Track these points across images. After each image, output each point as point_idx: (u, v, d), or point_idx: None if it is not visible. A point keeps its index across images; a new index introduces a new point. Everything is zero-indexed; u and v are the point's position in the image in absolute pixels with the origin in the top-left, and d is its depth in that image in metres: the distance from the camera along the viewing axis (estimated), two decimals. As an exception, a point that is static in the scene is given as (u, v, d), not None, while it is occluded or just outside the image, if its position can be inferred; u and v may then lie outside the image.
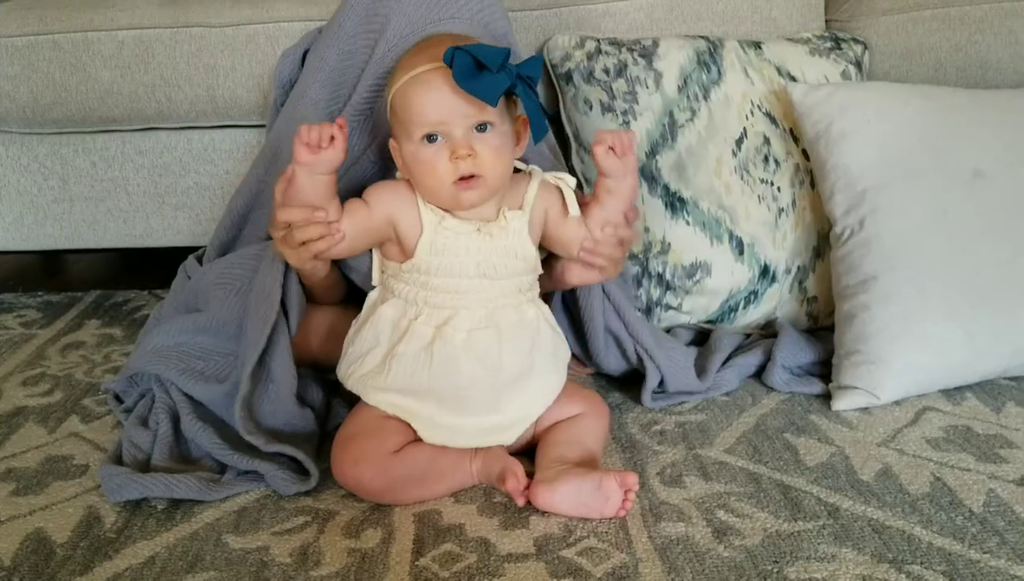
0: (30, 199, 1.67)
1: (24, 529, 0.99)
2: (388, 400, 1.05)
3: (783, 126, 1.42)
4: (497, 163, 1.01)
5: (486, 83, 0.95)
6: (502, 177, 1.03)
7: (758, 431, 1.17)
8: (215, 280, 1.21)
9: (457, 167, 0.99)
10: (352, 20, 1.20)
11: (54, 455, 1.15)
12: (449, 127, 0.99)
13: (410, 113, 1.00)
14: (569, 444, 1.06)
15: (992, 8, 1.55)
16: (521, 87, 0.98)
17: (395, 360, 1.04)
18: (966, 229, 1.23)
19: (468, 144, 0.99)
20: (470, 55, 0.95)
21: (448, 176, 1.00)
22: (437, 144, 1.00)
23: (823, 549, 0.92)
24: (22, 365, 1.43)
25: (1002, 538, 0.93)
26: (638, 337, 1.23)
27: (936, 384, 1.24)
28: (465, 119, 0.98)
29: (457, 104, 0.97)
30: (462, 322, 1.04)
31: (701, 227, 1.38)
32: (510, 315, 1.06)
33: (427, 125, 0.99)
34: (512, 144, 1.04)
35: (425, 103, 0.99)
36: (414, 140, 1.00)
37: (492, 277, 1.05)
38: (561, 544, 0.94)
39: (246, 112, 1.58)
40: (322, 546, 0.95)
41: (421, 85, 0.99)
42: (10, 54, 1.54)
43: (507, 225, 1.05)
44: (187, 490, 1.02)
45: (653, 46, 1.45)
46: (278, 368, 1.11)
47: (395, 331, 1.06)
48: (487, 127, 1.00)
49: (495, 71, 0.95)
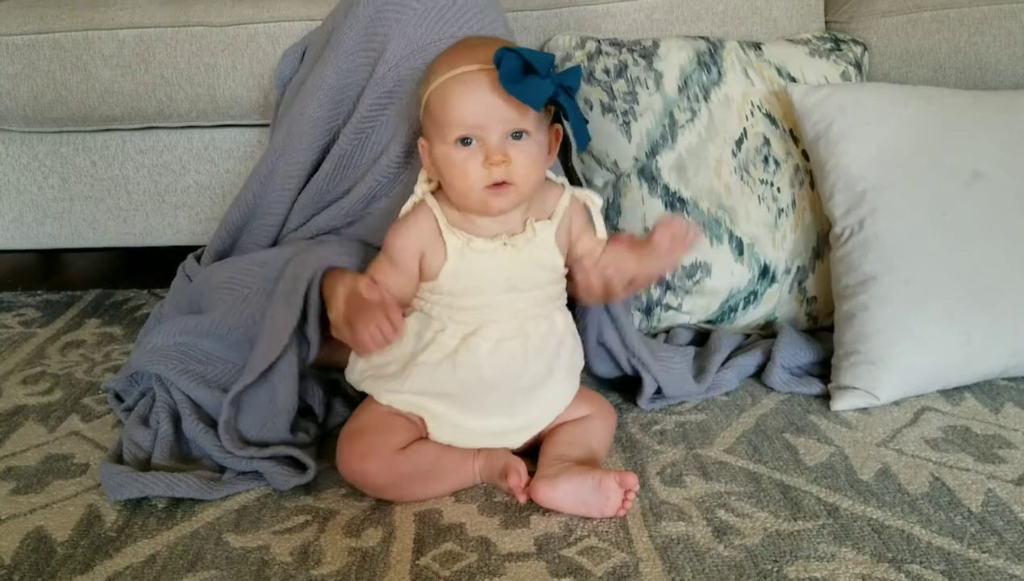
0: (30, 198, 1.67)
1: (24, 528, 0.99)
2: (402, 399, 1.05)
3: (783, 127, 1.43)
4: (531, 171, 1.00)
5: (533, 87, 0.94)
6: (534, 186, 1.02)
7: (758, 431, 1.17)
8: (222, 284, 1.20)
9: (491, 173, 0.97)
10: (351, 38, 1.19)
11: (54, 454, 1.15)
12: (485, 131, 0.97)
13: (447, 113, 0.98)
14: (573, 444, 1.06)
15: (991, 10, 1.55)
16: (563, 96, 0.96)
17: (416, 368, 1.04)
18: (965, 230, 1.23)
19: (503, 150, 0.97)
20: (520, 57, 0.93)
21: (480, 181, 0.98)
22: (471, 147, 0.98)
23: (823, 548, 0.92)
24: (22, 364, 1.43)
25: (1000, 537, 0.93)
26: (634, 350, 1.22)
27: (935, 384, 1.24)
28: (503, 124, 0.97)
29: (498, 108, 0.96)
30: (490, 333, 1.03)
31: (701, 227, 1.38)
32: (541, 325, 1.06)
33: (463, 127, 0.97)
34: (546, 152, 1.03)
35: (465, 104, 0.97)
36: (448, 141, 0.99)
37: (520, 289, 1.04)
38: (562, 543, 0.94)
39: (246, 111, 1.58)
40: (323, 545, 0.95)
41: (462, 85, 0.97)
42: (11, 52, 1.54)
43: (534, 236, 1.04)
44: (187, 489, 1.02)
45: (653, 47, 1.45)
46: (281, 399, 1.10)
47: (418, 342, 1.06)
48: (523, 135, 0.98)
49: (543, 75, 0.94)
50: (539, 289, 1.06)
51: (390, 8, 1.16)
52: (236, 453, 1.06)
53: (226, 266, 1.24)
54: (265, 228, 1.28)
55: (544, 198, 1.08)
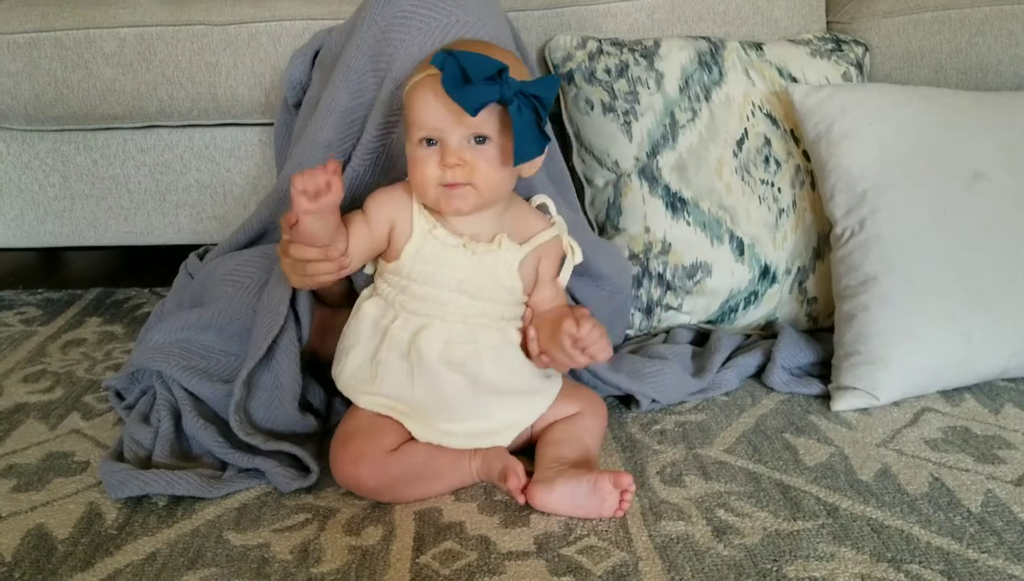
0: (31, 196, 1.67)
1: (25, 525, 0.99)
2: (378, 403, 1.06)
3: (784, 127, 1.43)
4: (490, 175, 1.01)
5: (469, 93, 0.95)
6: (495, 191, 1.03)
7: (758, 431, 1.17)
8: (225, 277, 1.22)
9: (444, 174, 1.00)
10: (360, 59, 1.19)
11: (55, 452, 1.15)
12: (445, 134, 1.00)
13: (413, 114, 1.02)
14: (567, 443, 1.06)
15: (992, 11, 1.55)
16: (518, 103, 0.97)
17: (380, 366, 1.06)
18: (966, 230, 1.24)
19: (459, 154, 0.99)
20: (458, 63, 0.95)
21: (434, 178, 1.01)
22: (432, 148, 1.01)
23: (822, 548, 0.92)
24: (23, 362, 1.44)
25: (1000, 538, 0.93)
26: (612, 383, 1.21)
27: (935, 385, 1.25)
28: (458, 128, 0.99)
29: (450, 112, 0.98)
30: (437, 333, 1.05)
31: (702, 227, 1.38)
32: (493, 336, 1.07)
33: (425, 129, 1.01)
34: (508, 160, 1.02)
35: (424, 107, 1.00)
36: (413, 140, 1.02)
37: (473, 296, 1.06)
38: (561, 542, 0.94)
39: (247, 110, 1.58)
40: (323, 543, 0.95)
41: (423, 89, 1.00)
42: (12, 51, 1.54)
43: (498, 252, 1.06)
44: (188, 487, 1.02)
45: (655, 47, 1.46)
46: (285, 376, 1.11)
47: (375, 331, 1.07)
48: (485, 140, 1.00)
49: (479, 82, 0.95)
50: (491, 303, 1.07)
51: (395, 27, 1.17)
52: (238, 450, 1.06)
53: (228, 260, 1.25)
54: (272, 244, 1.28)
55: (527, 223, 1.10)
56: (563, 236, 1.12)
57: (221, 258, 1.27)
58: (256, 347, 1.11)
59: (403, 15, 1.17)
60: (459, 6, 1.17)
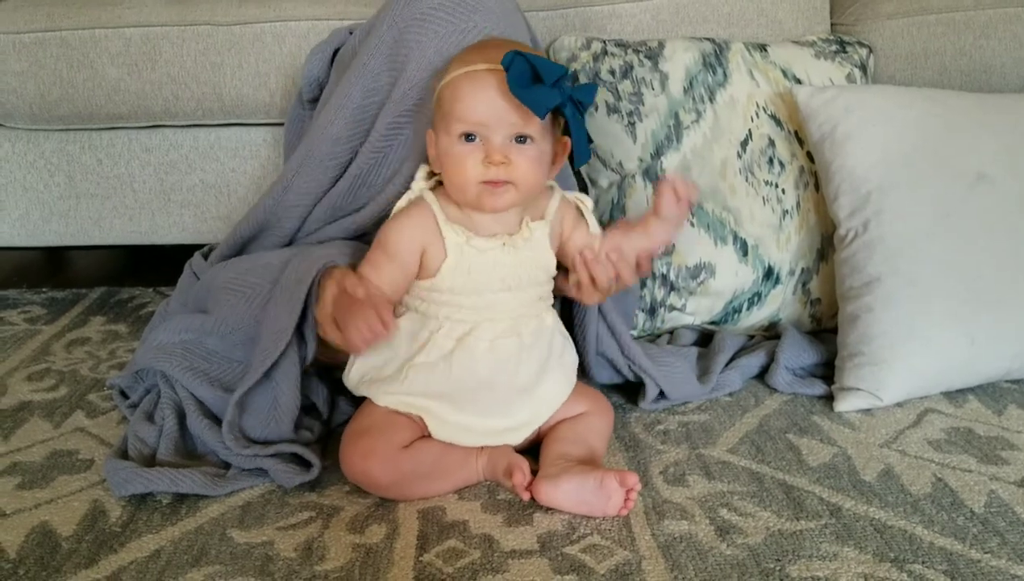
0: (36, 195, 1.67)
1: (29, 522, 0.99)
2: (399, 400, 1.05)
3: (788, 128, 1.43)
4: (530, 174, 1.01)
5: (538, 94, 0.95)
6: (532, 189, 1.03)
7: (761, 431, 1.17)
8: (227, 284, 1.21)
9: (487, 171, 0.99)
10: (377, 59, 1.20)
11: (59, 449, 1.15)
12: (489, 130, 0.99)
13: (455, 108, 1.00)
14: (573, 442, 1.06)
15: (997, 13, 1.55)
16: (571, 109, 0.98)
17: (412, 369, 1.05)
18: (969, 232, 1.24)
19: (504, 152, 0.99)
20: (529, 63, 0.95)
21: (477, 176, 1.00)
22: (474, 144, 1.00)
23: (825, 548, 0.92)
24: (27, 360, 1.44)
25: (1003, 538, 0.93)
26: (634, 358, 1.22)
27: (938, 386, 1.25)
28: (507, 127, 0.99)
29: (504, 110, 0.97)
30: (485, 333, 1.05)
31: (705, 228, 1.38)
32: (531, 323, 1.07)
33: (468, 123, 0.99)
34: (548, 162, 1.04)
35: (473, 101, 0.99)
36: (452, 134, 1.01)
37: (516, 289, 1.06)
38: (564, 541, 0.94)
39: (252, 110, 1.59)
40: (326, 541, 0.95)
41: (473, 82, 0.99)
42: (18, 50, 1.55)
43: (531, 236, 1.06)
44: (192, 485, 1.02)
45: (659, 48, 1.46)
46: (284, 398, 1.11)
47: (413, 343, 1.06)
48: (527, 140, 1.00)
49: (550, 85, 0.95)
50: (532, 289, 1.08)
51: (413, 29, 1.17)
52: (240, 452, 1.06)
53: (231, 266, 1.24)
54: (274, 238, 1.28)
55: (537, 199, 1.09)
56: (567, 194, 1.12)
57: (223, 263, 1.28)
58: (254, 371, 1.10)
59: (422, 17, 1.17)
60: (478, 12, 1.17)
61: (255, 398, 1.11)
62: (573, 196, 1.12)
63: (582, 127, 1.00)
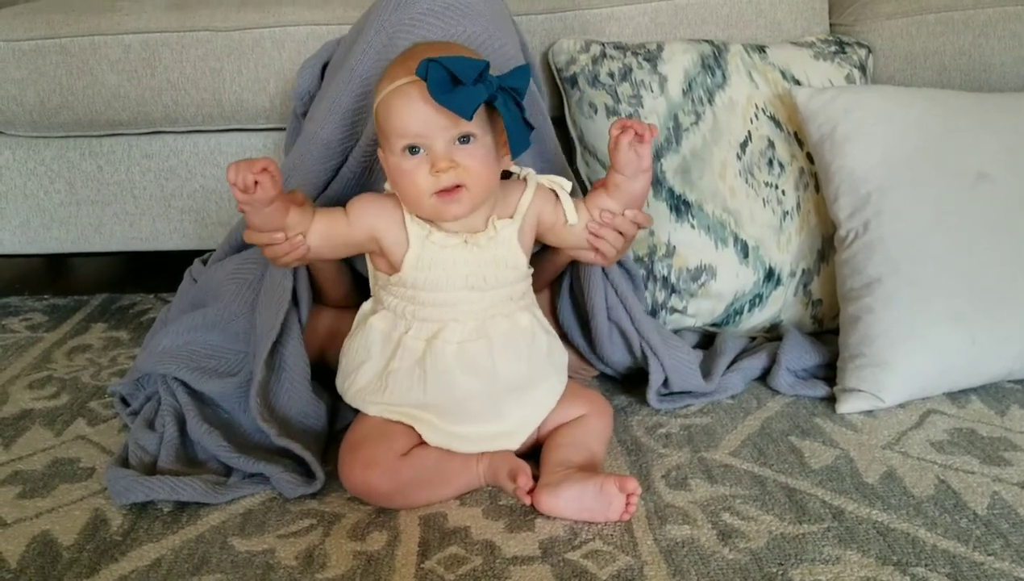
0: (36, 202, 1.67)
1: (30, 531, 0.99)
2: (388, 410, 1.06)
3: (787, 129, 1.43)
4: (481, 172, 0.99)
5: (461, 97, 0.94)
6: (487, 188, 1.02)
7: (763, 434, 1.17)
8: (229, 275, 1.23)
9: (438, 180, 0.98)
10: (366, 63, 1.20)
11: (61, 458, 1.15)
12: (429, 140, 0.97)
13: (390, 125, 0.99)
14: (573, 447, 1.06)
15: (996, 12, 1.55)
16: (502, 99, 0.96)
17: (390, 377, 1.05)
18: (970, 232, 1.23)
19: (448, 157, 0.97)
20: (444, 68, 0.94)
21: (429, 188, 0.98)
22: (419, 156, 0.99)
23: (828, 551, 0.92)
24: (28, 368, 1.44)
25: (1006, 540, 0.93)
26: (643, 333, 1.23)
27: (940, 387, 1.24)
28: (445, 132, 0.97)
29: (435, 117, 0.96)
30: (452, 334, 1.04)
31: (706, 230, 1.38)
32: (501, 324, 1.06)
33: (407, 137, 0.98)
34: (497, 155, 1.02)
35: (404, 116, 0.97)
36: (396, 152, 0.99)
37: (481, 289, 1.05)
38: (566, 547, 0.94)
39: (252, 116, 1.59)
40: (327, 549, 0.95)
41: (400, 98, 0.98)
42: (17, 58, 1.55)
43: (496, 235, 1.05)
44: (193, 493, 1.02)
45: (658, 50, 1.46)
46: (290, 357, 1.13)
47: (387, 344, 1.07)
48: (470, 139, 0.98)
49: (470, 84, 0.94)
50: (500, 289, 1.06)
51: (402, 34, 1.17)
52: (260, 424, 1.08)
53: (230, 261, 1.26)
54: None
55: (507, 196, 1.08)
56: (540, 179, 1.10)
57: (222, 261, 1.28)
58: (270, 324, 1.12)
59: (412, 22, 1.17)
60: (467, 17, 1.17)
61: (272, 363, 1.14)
62: (548, 181, 1.10)
63: (516, 116, 0.98)
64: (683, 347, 1.28)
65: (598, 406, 1.14)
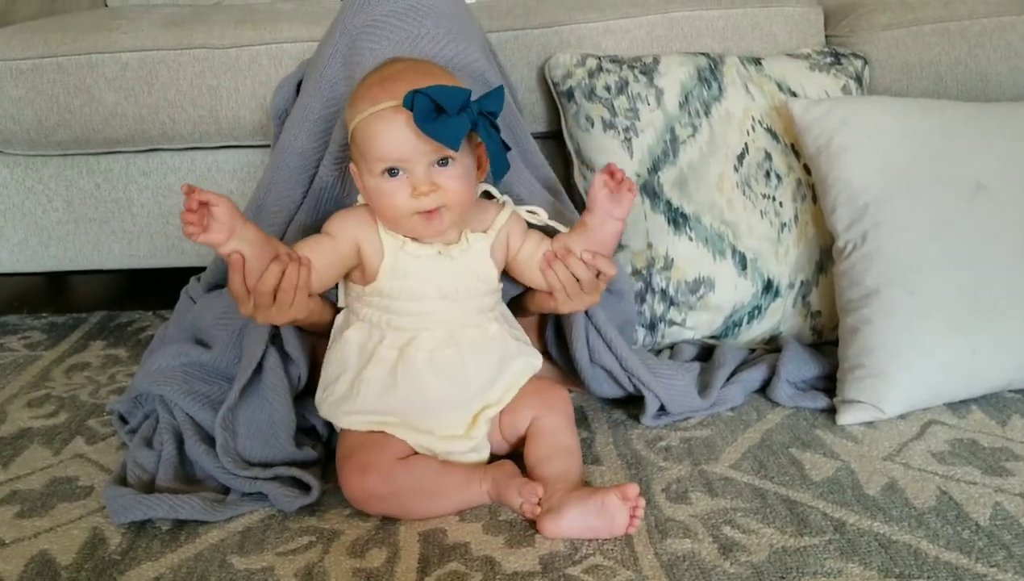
0: (35, 221, 1.67)
1: (29, 551, 0.98)
2: (357, 420, 1.06)
3: (784, 141, 1.43)
4: (461, 193, 1.02)
5: (446, 127, 0.94)
6: (466, 206, 1.04)
7: (763, 446, 1.17)
8: (216, 319, 1.23)
9: (419, 202, 0.99)
10: (333, 67, 1.20)
11: (59, 477, 1.15)
12: (411, 163, 0.99)
13: (372, 148, 0.99)
14: (549, 458, 1.06)
15: (992, 22, 1.56)
16: (482, 124, 0.97)
17: (362, 384, 1.06)
18: (968, 242, 1.23)
19: (429, 180, 0.99)
20: (430, 99, 0.94)
21: (409, 209, 1.00)
22: (398, 178, 1.00)
23: (829, 564, 0.91)
24: (27, 386, 1.44)
25: (1009, 551, 0.92)
26: (632, 371, 1.22)
27: (941, 397, 1.24)
28: (426, 156, 0.98)
29: (418, 144, 0.97)
30: (424, 343, 1.05)
31: (704, 242, 1.38)
32: (471, 333, 1.07)
33: (388, 161, 0.99)
34: (474, 171, 1.04)
35: (387, 141, 0.98)
36: (375, 173, 1.00)
37: (453, 299, 1.06)
38: (567, 562, 0.94)
39: (249, 133, 1.59)
40: (327, 566, 0.95)
41: (382, 122, 0.98)
42: (15, 76, 1.55)
43: (468, 247, 1.07)
44: (191, 511, 1.02)
45: (654, 63, 1.46)
46: (279, 414, 1.12)
47: (362, 355, 1.07)
48: (448, 161, 1.00)
49: (454, 114, 0.95)
50: (471, 300, 1.08)
51: (365, 36, 1.17)
52: (239, 474, 1.06)
53: (218, 300, 1.26)
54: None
55: (482, 212, 1.11)
56: (518, 210, 1.13)
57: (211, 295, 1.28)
58: (236, 387, 1.12)
59: (374, 24, 1.18)
60: (429, 17, 1.17)
61: (252, 419, 1.12)
62: (525, 210, 1.13)
63: (496, 140, 0.99)
64: (676, 374, 1.27)
65: (547, 399, 1.12)
